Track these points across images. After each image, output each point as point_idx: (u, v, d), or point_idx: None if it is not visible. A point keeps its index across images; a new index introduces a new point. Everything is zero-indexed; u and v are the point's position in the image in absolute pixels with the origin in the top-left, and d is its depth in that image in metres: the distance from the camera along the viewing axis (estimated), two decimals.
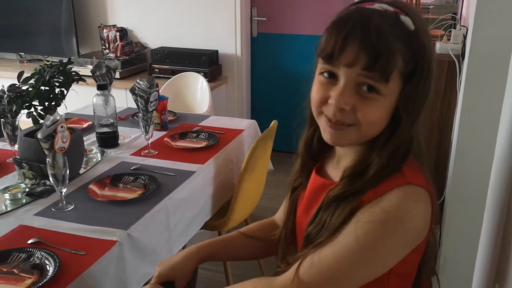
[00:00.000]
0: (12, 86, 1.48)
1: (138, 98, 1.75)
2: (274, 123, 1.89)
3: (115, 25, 3.58)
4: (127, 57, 3.43)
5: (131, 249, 1.29)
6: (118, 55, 3.45)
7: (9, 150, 1.76)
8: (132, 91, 1.76)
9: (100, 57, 3.43)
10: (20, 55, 3.77)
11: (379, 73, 0.74)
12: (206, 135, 2.01)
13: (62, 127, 1.33)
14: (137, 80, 1.76)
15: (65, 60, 1.63)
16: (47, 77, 1.46)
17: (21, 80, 1.46)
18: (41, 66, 1.52)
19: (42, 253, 1.15)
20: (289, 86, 3.64)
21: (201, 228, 1.74)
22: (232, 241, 1.08)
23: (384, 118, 0.79)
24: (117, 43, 3.50)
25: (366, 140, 0.82)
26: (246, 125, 2.19)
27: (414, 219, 0.77)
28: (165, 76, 3.26)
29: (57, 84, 1.52)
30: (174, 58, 3.32)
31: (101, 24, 3.57)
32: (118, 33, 3.51)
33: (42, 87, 1.48)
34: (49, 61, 3.73)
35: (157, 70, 3.36)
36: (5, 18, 3.68)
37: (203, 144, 1.93)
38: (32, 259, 1.14)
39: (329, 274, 0.78)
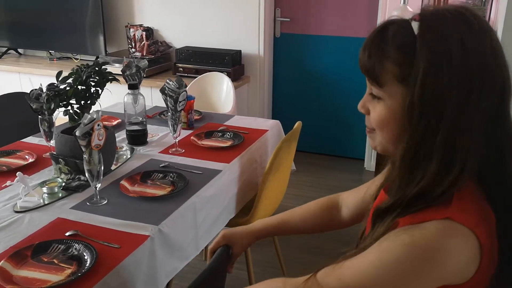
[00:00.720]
0: (50, 85, 1.55)
1: (168, 98, 1.81)
2: (298, 124, 1.93)
3: (141, 24, 3.66)
4: (153, 56, 3.50)
5: (161, 244, 1.35)
6: (144, 54, 3.52)
7: (45, 145, 1.84)
8: (162, 91, 1.82)
9: (127, 55, 3.52)
10: (50, 53, 3.88)
11: (371, 78, 0.80)
12: (231, 134, 2.06)
13: (98, 125, 1.40)
14: (167, 80, 1.82)
15: (99, 59, 1.70)
16: (84, 77, 1.53)
17: (59, 79, 1.53)
18: (78, 66, 1.59)
19: (80, 245, 1.22)
20: (311, 87, 3.68)
21: (225, 226, 1.79)
22: (292, 224, 1.21)
23: (392, 121, 0.79)
24: (143, 42, 3.58)
25: (394, 149, 0.82)
26: (270, 125, 2.24)
27: (445, 253, 0.71)
28: (189, 75, 3.33)
29: (92, 83, 1.59)
30: (198, 57, 3.38)
31: (128, 24, 3.66)
32: (144, 33, 3.59)
33: (79, 87, 1.55)
34: (77, 59, 3.85)
35: (181, 69, 3.42)
36: (37, 17, 3.79)
37: (229, 143, 1.98)
38: (70, 250, 1.21)
39: (346, 284, 0.78)
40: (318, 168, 3.54)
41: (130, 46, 3.66)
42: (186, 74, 3.37)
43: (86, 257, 1.18)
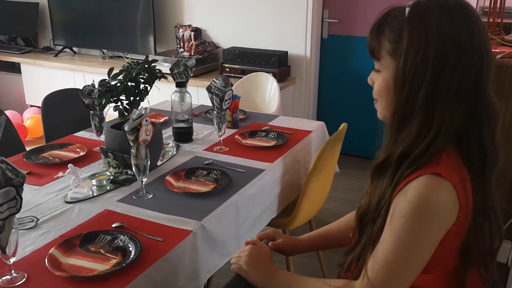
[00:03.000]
0: (102, 81, 1.60)
1: (214, 96, 1.82)
2: (344, 125, 1.90)
3: (190, 25, 3.73)
4: (200, 56, 3.56)
5: (203, 240, 1.36)
6: (192, 54, 3.58)
7: (95, 140, 1.91)
8: (208, 89, 1.84)
9: (175, 55, 3.59)
10: (102, 51, 4.03)
11: (372, 53, 0.98)
12: (275, 134, 2.06)
13: (146, 121, 1.43)
14: (214, 79, 1.84)
15: (148, 58, 1.75)
16: (134, 74, 1.57)
17: (110, 76, 1.58)
18: (128, 63, 1.64)
19: (125, 237, 1.24)
20: (357, 90, 3.61)
21: (266, 225, 1.79)
22: (334, 239, 1.29)
23: (386, 91, 0.96)
24: (191, 42, 3.65)
25: (392, 117, 0.96)
26: (314, 126, 2.21)
27: (438, 206, 0.86)
28: (235, 75, 3.35)
29: (142, 80, 1.63)
30: (245, 58, 3.40)
31: (177, 24, 3.73)
32: (192, 33, 3.65)
33: (129, 83, 1.59)
34: (128, 57, 3.97)
35: (227, 69, 3.45)
36: (91, 18, 3.95)
37: (272, 143, 1.98)
38: (116, 241, 1.24)
39: (389, 268, 0.89)
40: (361, 172, 3.46)
41: (178, 46, 3.73)
42: (232, 74, 3.39)
43: (131, 249, 1.21)
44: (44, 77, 3.96)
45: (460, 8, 0.90)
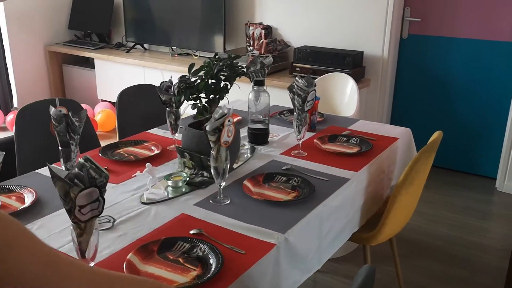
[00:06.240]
0: (182, 78, 1.52)
1: (295, 97, 1.70)
2: (438, 134, 1.71)
3: (261, 22, 3.64)
4: (270, 55, 3.45)
5: (286, 254, 1.24)
6: (262, 52, 3.49)
7: (170, 138, 1.84)
8: (290, 89, 1.72)
9: (244, 53, 3.51)
10: (172, 49, 4.04)
11: None
12: (357, 140, 1.90)
13: (229, 121, 1.33)
14: (296, 78, 1.72)
15: (219, 56, 1.65)
16: (215, 70, 1.48)
17: (191, 72, 1.50)
18: (209, 59, 1.55)
19: (205, 246, 1.15)
20: (438, 94, 3.35)
21: (348, 240, 1.64)
22: None
23: None
24: (261, 41, 3.55)
25: None
26: (400, 133, 2.03)
27: None
28: (306, 75, 3.21)
29: (223, 77, 1.53)
30: (317, 57, 3.25)
31: (248, 22, 3.65)
32: (263, 31, 3.55)
33: (209, 80, 1.50)
34: (196, 55, 3.95)
35: (298, 69, 3.32)
36: (162, 14, 3.97)
37: (355, 149, 1.82)
38: (195, 250, 1.15)
39: None
40: (442, 184, 3.20)
41: (248, 44, 3.65)
42: (303, 74, 3.24)
43: (211, 260, 1.11)
44: (115, 72, 4.03)
45: None
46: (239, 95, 2.31)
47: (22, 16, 4.14)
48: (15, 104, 4.28)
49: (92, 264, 1.02)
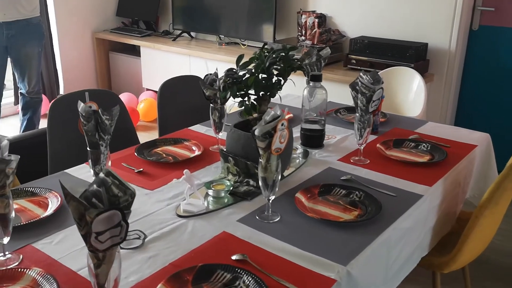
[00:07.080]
0: (229, 71, 1.32)
1: (359, 95, 1.45)
2: None
3: (314, 11, 3.37)
4: (323, 46, 3.19)
5: None
6: (314, 43, 3.23)
7: (213, 137, 1.65)
8: (353, 86, 1.47)
9: (295, 43, 3.27)
10: (219, 37, 3.85)
11: None
12: (428, 146, 1.63)
13: (282, 125, 1.11)
14: (360, 74, 1.47)
15: (267, 46, 1.43)
16: (267, 64, 1.26)
17: (240, 65, 1.29)
18: (261, 49, 1.33)
19: (250, 279, 0.94)
20: (510, 94, 2.97)
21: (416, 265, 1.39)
22: None
23: None
24: (314, 30, 3.29)
25: None
26: (477, 139, 1.74)
27: None
28: (362, 68, 2.93)
29: (275, 72, 1.31)
30: (375, 49, 2.96)
31: (301, 10, 3.40)
32: (316, 20, 3.29)
33: (260, 75, 1.29)
34: (244, 45, 3.74)
35: (353, 62, 3.04)
36: (209, 2, 3.79)
37: (426, 158, 1.56)
38: (238, 283, 0.94)
39: None
40: None
41: (299, 33, 3.40)
42: (359, 67, 2.98)
43: None
44: (161, 61, 3.90)
45: None
46: (290, 89, 2.08)
47: (70, 2, 4.08)
48: (61, 91, 4.25)
49: None
